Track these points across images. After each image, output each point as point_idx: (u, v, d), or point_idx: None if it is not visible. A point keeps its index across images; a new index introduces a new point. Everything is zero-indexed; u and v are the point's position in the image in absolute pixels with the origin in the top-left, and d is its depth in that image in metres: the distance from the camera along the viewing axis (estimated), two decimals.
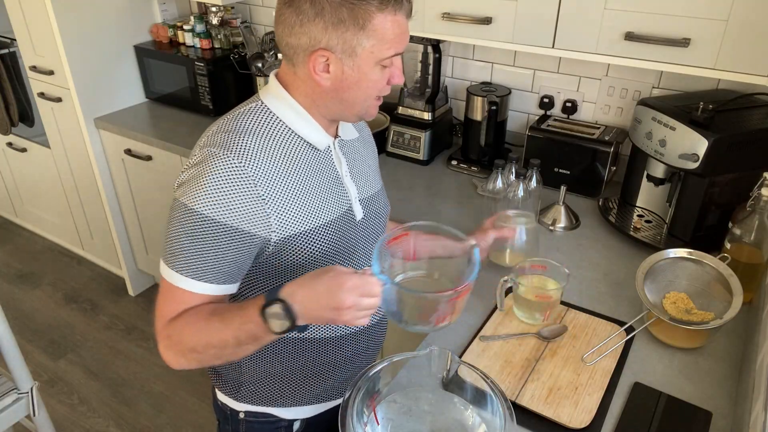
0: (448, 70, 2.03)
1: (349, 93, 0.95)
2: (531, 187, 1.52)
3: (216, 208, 0.89)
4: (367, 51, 0.91)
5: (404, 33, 0.94)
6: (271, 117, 0.98)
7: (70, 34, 2.24)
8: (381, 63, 0.93)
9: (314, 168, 1.00)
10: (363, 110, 0.99)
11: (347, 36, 0.89)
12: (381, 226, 1.16)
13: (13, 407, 1.66)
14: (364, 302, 0.84)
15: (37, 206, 3.09)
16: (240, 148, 0.91)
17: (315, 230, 0.99)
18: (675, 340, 1.17)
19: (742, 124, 1.35)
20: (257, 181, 0.91)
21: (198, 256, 0.91)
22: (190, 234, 0.90)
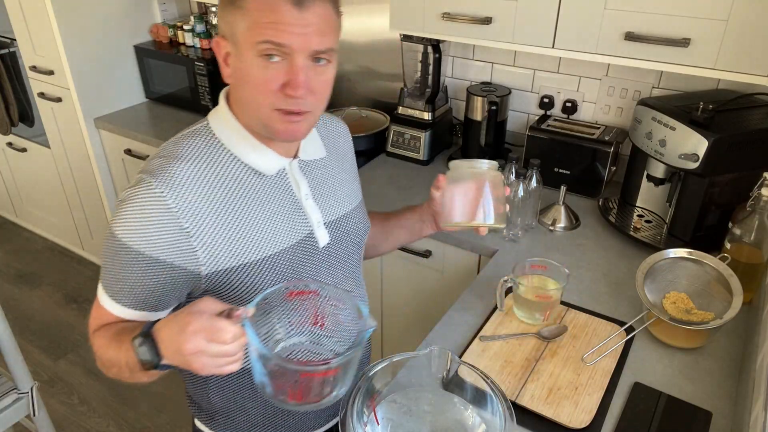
0: (448, 70, 2.03)
1: (242, 91, 0.85)
2: (531, 187, 1.52)
3: (135, 237, 0.83)
4: (244, 35, 0.80)
5: (290, 24, 0.78)
6: (213, 141, 0.90)
7: (70, 34, 2.24)
8: (259, 53, 0.79)
9: (261, 196, 0.91)
10: (263, 120, 0.85)
11: (228, 18, 0.81)
12: (354, 248, 1.07)
13: (13, 407, 1.66)
14: (212, 349, 0.72)
15: (37, 206, 3.09)
16: (169, 177, 0.84)
17: (259, 263, 0.90)
18: (675, 340, 1.17)
19: (742, 124, 1.35)
20: (180, 213, 0.84)
21: (118, 280, 0.87)
22: (111, 257, 0.86)
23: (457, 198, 1.03)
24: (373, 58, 2.18)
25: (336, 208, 1.02)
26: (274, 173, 0.93)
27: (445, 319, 1.26)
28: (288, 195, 0.95)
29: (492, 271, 1.43)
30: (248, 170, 0.91)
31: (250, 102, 0.85)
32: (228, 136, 0.90)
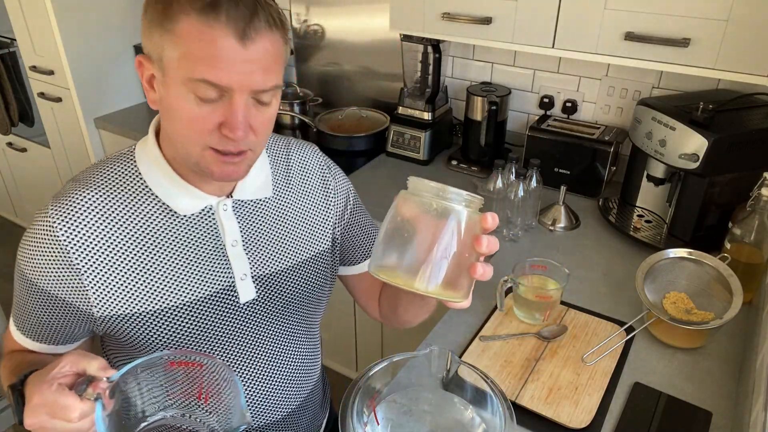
0: (448, 70, 2.03)
1: (169, 124, 0.74)
2: (531, 187, 1.52)
3: (29, 266, 0.79)
4: (174, 64, 0.68)
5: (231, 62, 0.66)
6: (130, 170, 0.80)
7: (70, 34, 2.24)
8: (194, 90, 0.68)
9: (175, 238, 0.81)
10: (194, 158, 0.74)
11: (155, 38, 0.69)
12: (290, 306, 0.93)
13: None
14: (55, 425, 0.63)
15: (38, 206, 3.07)
16: (68, 206, 0.77)
17: (158, 312, 0.81)
18: (675, 340, 1.17)
19: (742, 124, 1.35)
20: (70, 248, 0.77)
21: (19, 307, 0.85)
22: (17, 284, 0.84)
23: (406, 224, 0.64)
24: (373, 58, 2.18)
25: (272, 260, 0.88)
26: (196, 212, 0.82)
27: (445, 319, 1.26)
28: (210, 239, 0.83)
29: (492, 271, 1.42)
30: (162, 207, 0.81)
31: (180, 138, 0.74)
32: (147, 168, 0.80)
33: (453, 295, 0.67)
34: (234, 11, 0.66)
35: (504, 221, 1.57)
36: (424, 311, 0.94)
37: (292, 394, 0.99)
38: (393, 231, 0.65)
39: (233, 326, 0.87)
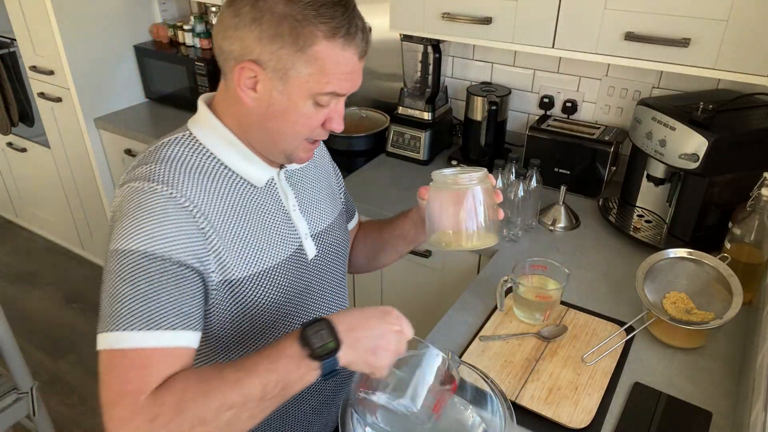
0: (448, 70, 2.03)
1: (274, 123, 0.83)
2: (531, 187, 1.52)
3: (153, 240, 0.75)
4: (302, 79, 0.79)
5: (351, 73, 0.82)
6: (199, 149, 0.86)
7: (70, 34, 2.24)
8: (316, 99, 0.81)
9: (255, 206, 0.89)
10: (290, 149, 0.86)
11: (282, 54, 0.77)
12: (339, 260, 1.05)
13: (13, 407, 1.66)
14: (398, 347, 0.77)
15: (37, 206, 3.09)
16: (167, 178, 0.80)
17: (258, 276, 0.87)
18: (675, 340, 1.17)
19: (742, 124, 1.35)
20: (194, 212, 0.80)
21: (150, 303, 0.73)
22: (131, 279, 0.74)
23: (442, 206, 0.93)
24: (373, 58, 2.18)
25: (320, 219, 1.01)
26: (263, 185, 0.91)
27: (445, 319, 1.26)
28: (278, 206, 0.92)
29: (492, 271, 1.43)
30: (239, 179, 0.88)
31: (283, 133, 0.84)
32: (217, 146, 0.87)
33: (495, 239, 0.94)
34: (360, 37, 0.81)
35: (504, 221, 1.57)
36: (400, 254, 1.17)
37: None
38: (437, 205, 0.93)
39: (305, 282, 0.97)
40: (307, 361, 0.71)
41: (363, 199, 1.74)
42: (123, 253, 0.75)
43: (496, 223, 0.95)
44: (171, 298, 0.75)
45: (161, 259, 0.75)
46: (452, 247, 0.94)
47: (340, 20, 0.77)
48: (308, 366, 0.71)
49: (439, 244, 0.95)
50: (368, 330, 0.75)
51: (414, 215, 1.08)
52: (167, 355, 0.73)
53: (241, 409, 0.70)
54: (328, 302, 1.04)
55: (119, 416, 0.68)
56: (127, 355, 0.72)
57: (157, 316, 0.73)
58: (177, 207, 0.79)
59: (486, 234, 0.93)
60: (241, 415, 0.70)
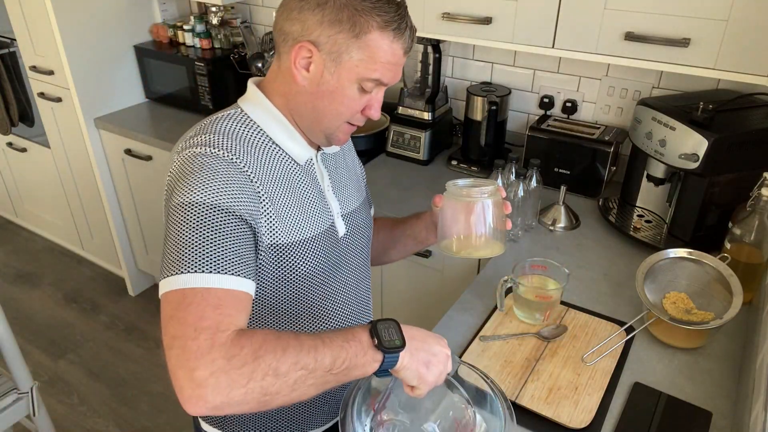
0: (448, 70, 2.03)
1: (321, 102, 0.90)
2: (531, 187, 1.52)
3: (218, 194, 0.81)
4: (353, 63, 0.86)
5: (395, 65, 0.89)
6: (251, 124, 0.92)
7: (70, 34, 2.24)
8: (362, 83, 0.88)
9: (296, 181, 0.95)
10: (332, 129, 0.94)
11: (339, 38, 0.85)
12: (364, 241, 1.11)
13: (13, 407, 1.66)
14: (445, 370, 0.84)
15: (37, 206, 3.09)
16: (225, 145, 0.86)
17: (299, 244, 0.93)
18: (675, 340, 1.17)
19: (742, 124, 1.35)
20: (251, 176, 0.86)
21: (216, 248, 0.77)
22: (197, 227, 0.78)
23: (454, 215, 1.01)
24: None
25: (349, 201, 1.06)
26: (304, 162, 0.97)
27: (445, 319, 1.26)
28: (314, 184, 0.98)
29: (492, 271, 1.43)
30: (285, 156, 0.94)
31: (327, 113, 0.91)
32: (266, 122, 0.93)
33: (502, 249, 1.02)
34: (408, 33, 0.88)
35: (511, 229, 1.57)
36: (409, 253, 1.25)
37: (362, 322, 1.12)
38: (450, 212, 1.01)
39: (336, 257, 1.01)
40: (373, 351, 0.77)
41: None
42: (190, 204, 0.80)
43: (504, 233, 1.02)
44: (235, 246, 0.80)
45: (226, 211, 0.81)
46: (461, 254, 1.02)
47: (394, 15, 0.85)
48: (373, 356, 0.77)
49: (449, 251, 1.03)
50: (426, 344, 0.82)
51: (427, 218, 1.15)
52: (236, 298, 0.77)
53: (310, 373, 0.73)
54: (355, 279, 1.08)
55: (197, 347, 0.69)
56: (201, 294, 0.74)
57: (225, 261, 0.78)
58: (237, 169, 0.85)
59: (494, 243, 1.01)
60: (308, 379, 0.73)
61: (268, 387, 0.70)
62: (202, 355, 0.68)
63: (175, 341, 0.70)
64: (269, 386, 0.70)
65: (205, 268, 0.76)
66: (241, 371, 0.68)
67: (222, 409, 0.69)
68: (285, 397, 0.72)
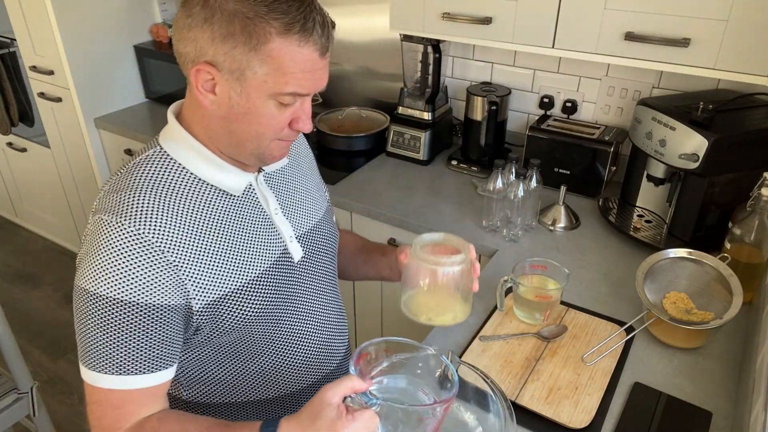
0: (448, 70, 2.03)
1: (237, 125, 0.80)
2: (531, 187, 1.52)
3: (122, 287, 0.75)
4: (259, 79, 0.75)
5: (312, 71, 0.78)
6: (171, 165, 0.84)
7: (70, 34, 2.24)
8: (277, 99, 0.78)
9: (233, 216, 0.86)
10: (258, 150, 0.83)
11: (235, 54, 0.74)
12: (328, 258, 1.04)
13: (13, 407, 1.66)
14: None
15: (37, 206, 3.09)
16: (135, 211, 0.77)
17: (245, 287, 0.86)
18: (675, 340, 1.17)
19: (742, 124, 1.35)
20: (162, 247, 0.78)
21: (120, 349, 0.76)
22: (101, 324, 0.76)
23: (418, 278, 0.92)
24: (373, 58, 2.18)
25: (305, 219, 0.99)
26: (241, 192, 0.88)
27: None
28: (258, 212, 0.90)
29: (492, 271, 1.43)
30: (215, 191, 0.86)
31: (247, 136, 0.81)
32: (188, 158, 0.84)
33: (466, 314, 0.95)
34: (318, 32, 0.76)
35: (504, 221, 1.57)
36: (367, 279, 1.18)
37: (334, 349, 1.06)
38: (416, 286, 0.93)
39: (293, 286, 0.94)
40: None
41: (363, 199, 1.74)
42: (93, 296, 0.76)
43: (470, 298, 0.95)
44: (144, 343, 0.77)
45: (132, 304, 0.76)
46: (421, 320, 0.94)
47: (295, 15, 0.74)
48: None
49: (409, 313, 0.94)
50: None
51: (392, 258, 1.07)
52: (140, 395, 0.78)
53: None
54: (320, 302, 1.02)
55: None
56: (102, 394, 0.77)
57: (130, 363, 0.77)
58: (143, 247, 0.77)
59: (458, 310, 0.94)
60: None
61: None
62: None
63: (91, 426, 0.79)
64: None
65: (110, 370, 0.76)
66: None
67: None
68: None
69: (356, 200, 1.73)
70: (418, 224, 1.61)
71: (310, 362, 1.01)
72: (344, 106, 2.23)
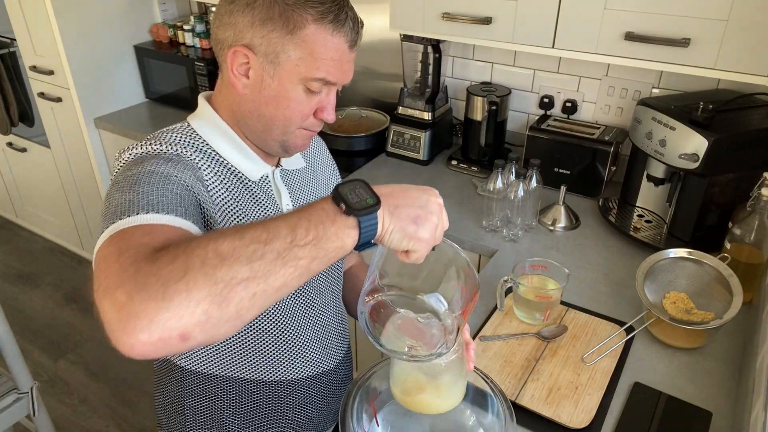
0: (448, 70, 2.03)
1: (266, 108, 0.84)
2: (531, 187, 1.52)
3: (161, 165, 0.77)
4: (292, 63, 0.80)
5: (341, 62, 0.82)
6: (196, 137, 0.87)
7: (70, 34, 2.24)
8: (306, 84, 0.82)
9: (245, 199, 0.89)
10: (283, 137, 0.87)
11: (272, 38, 0.79)
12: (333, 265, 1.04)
13: (13, 407, 1.66)
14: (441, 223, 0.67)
15: (37, 206, 3.09)
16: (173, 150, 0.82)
17: None
18: (675, 340, 1.17)
19: (742, 124, 1.35)
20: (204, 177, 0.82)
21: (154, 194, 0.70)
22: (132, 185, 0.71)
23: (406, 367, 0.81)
24: (373, 58, 2.18)
25: None
26: (257, 179, 0.91)
27: None
28: (269, 202, 0.92)
29: (492, 271, 1.43)
30: (233, 171, 0.88)
31: (275, 120, 0.85)
32: (214, 137, 0.88)
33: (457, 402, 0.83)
34: (350, 24, 0.82)
35: (504, 221, 1.57)
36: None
37: (338, 343, 1.08)
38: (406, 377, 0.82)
39: None
40: (342, 217, 0.60)
41: None
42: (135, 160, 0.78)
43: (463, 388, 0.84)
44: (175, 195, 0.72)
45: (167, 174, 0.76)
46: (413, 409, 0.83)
47: (330, 6, 0.80)
48: (344, 222, 0.60)
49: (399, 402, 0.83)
50: (409, 197, 0.65)
51: None
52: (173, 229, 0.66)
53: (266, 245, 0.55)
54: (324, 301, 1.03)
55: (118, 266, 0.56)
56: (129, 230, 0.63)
57: (160, 204, 0.68)
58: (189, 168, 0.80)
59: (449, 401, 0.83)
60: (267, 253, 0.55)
61: (215, 272, 0.52)
62: (124, 269, 0.54)
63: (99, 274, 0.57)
64: (215, 271, 0.52)
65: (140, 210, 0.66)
66: (171, 267, 0.52)
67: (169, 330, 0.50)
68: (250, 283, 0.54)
69: None
70: None
71: (308, 358, 1.02)
72: (344, 106, 2.23)
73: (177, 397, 1.00)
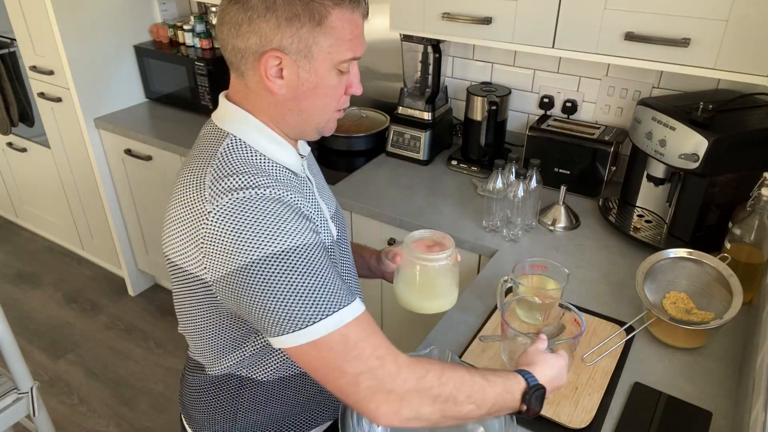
0: (448, 70, 2.03)
1: (306, 101, 0.86)
2: (531, 187, 1.52)
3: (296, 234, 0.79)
4: (324, 51, 0.82)
5: (361, 35, 0.86)
6: (250, 151, 0.86)
7: (70, 34, 2.24)
8: (338, 67, 0.85)
9: (305, 193, 0.91)
10: (322, 123, 0.91)
11: (303, 33, 0.80)
12: (348, 239, 1.10)
13: (13, 407, 1.66)
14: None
15: (37, 206, 3.09)
16: (262, 183, 0.81)
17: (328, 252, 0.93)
18: (675, 340, 1.17)
19: (742, 124, 1.35)
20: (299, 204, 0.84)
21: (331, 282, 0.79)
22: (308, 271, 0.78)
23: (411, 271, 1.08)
24: (373, 58, 2.18)
25: (331, 201, 1.05)
26: (301, 172, 0.95)
27: (445, 319, 1.26)
28: (310, 191, 0.96)
29: (492, 271, 1.43)
30: (287, 170, 0.90)
31: (316, 110, 0.87)
32: (260, 143, 0.87)
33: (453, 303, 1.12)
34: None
35: (504, 221, 1.57)
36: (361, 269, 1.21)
37: None
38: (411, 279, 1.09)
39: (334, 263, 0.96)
40: (518, 406, 0.86)
41: (363, 200, 1.74)
42: (274, 256, 0.77)
43: (456, 289, 1.10)
44: (336, 272, 0.82)
45: (312, 246, 0.80)
46: (413, 309, 1.09)
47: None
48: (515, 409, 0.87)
49: (403, 304, 1.10)
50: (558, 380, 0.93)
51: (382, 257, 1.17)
52: (370, 320, 0.82)
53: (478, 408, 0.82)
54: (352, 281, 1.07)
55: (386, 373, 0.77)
56: (358, 325, 0.79)
57: (344, 291, 0.80)
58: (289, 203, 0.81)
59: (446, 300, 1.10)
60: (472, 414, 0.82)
61: (446, 411, 0.79)
62: (394, 378, 0.77)
63: (362, 376, 0.77)
64: (447, 410, 0.79)
65: (340, 304, 0.78)
66: (429, 393, 0.78)
67: (410, 422, 0.78)
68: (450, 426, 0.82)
69: (356, 200, 1.74)
70: (418, 224, 1.61)
71: None
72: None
73: (231, 405, 0.99)
